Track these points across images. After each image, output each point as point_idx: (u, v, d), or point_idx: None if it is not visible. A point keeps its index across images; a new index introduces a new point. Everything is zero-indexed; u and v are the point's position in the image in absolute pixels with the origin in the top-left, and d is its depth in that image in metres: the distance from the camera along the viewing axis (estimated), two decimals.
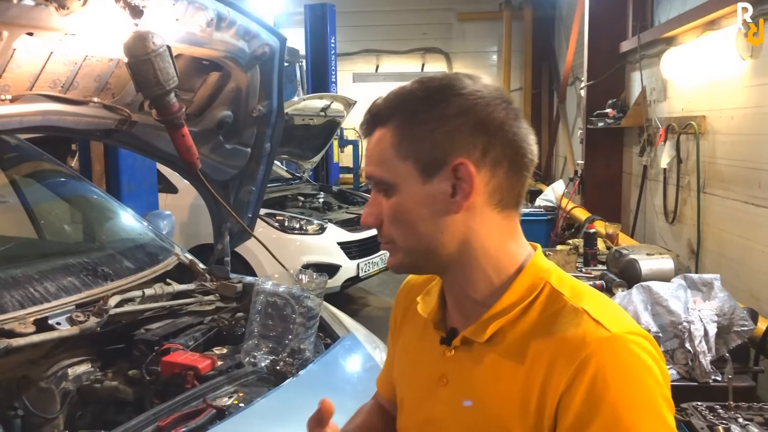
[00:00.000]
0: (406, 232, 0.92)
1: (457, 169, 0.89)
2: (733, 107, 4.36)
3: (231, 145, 2.78)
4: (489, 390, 0.90)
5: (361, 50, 11.55)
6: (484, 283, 0.93)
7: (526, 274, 0.93)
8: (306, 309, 2.16)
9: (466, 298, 0.95)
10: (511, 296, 0.92)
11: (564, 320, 0.87)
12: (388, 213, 0.93)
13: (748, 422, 2.37)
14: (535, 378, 0.86)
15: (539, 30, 11.15)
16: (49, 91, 2.13)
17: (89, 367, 2.09)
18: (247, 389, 1.93)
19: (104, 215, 2.96)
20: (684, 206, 5.21)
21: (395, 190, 0.92)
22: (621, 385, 0.81)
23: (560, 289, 0.92)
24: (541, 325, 0.89)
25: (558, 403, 0.83)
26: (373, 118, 0.95)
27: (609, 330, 0.84)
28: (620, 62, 6.63)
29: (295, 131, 6.68)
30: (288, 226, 5.87)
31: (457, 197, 0.90)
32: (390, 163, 0.92)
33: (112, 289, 2.23)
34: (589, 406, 0.81)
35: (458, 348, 0.95)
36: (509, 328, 0.91)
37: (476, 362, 0.93)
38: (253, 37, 2.47)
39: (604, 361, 0.82)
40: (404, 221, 0.92)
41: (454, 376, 0.95)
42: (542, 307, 0.90)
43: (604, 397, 0.81)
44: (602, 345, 0.83)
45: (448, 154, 0.89)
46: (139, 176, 4.82)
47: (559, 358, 0.84)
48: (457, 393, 0.94)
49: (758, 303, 3.76)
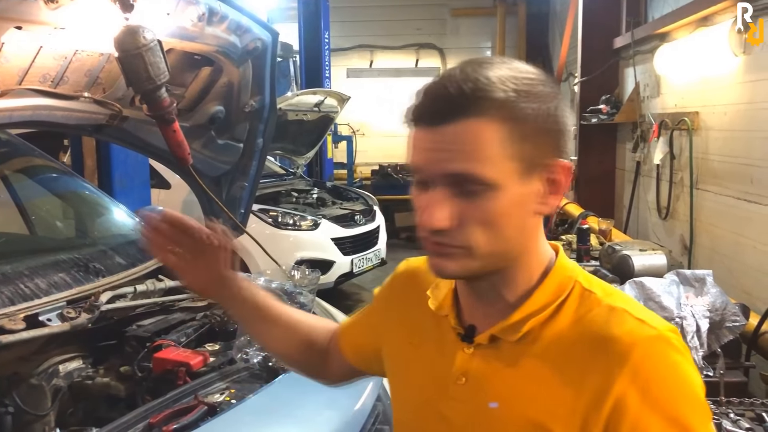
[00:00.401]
0: (493, 238, 0.83)
1: (553, 169, 0.84)
2: (726, 103, 4.37)
3: (223, 140, 2.77)
4: (523, 391, 0.86)
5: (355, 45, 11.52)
6: (523, 285, 0.89)
7: (555, 274, 0.90)
8: (299, 305, 2.16)
9: (498, 298, 0.90)
10: (543, 295, 0.88)
11: (604, 319, 0.84)
12: (476, 216, 0.82)
13: (739, 417, 2.38)
14: (580, 379, 0.82)
15: (533, 26, 11.15)
16: (39, 85, 2.11)
17: (80, 363, 2.08)
18: (239, 386, 1.93)
19: (96, 211, 2.95)
20: (677, 202, 5.23)
21: (493, 190, 0.81)
22: (674, 384, 0.80)
23: (591, 289, 0.89)
24: (579, 324, 0.85)
25: (612, 404, 0.80)
26: (474, 104, 0.80)
27: (655, 327, 0.82)
28: (614, 58, 6.65)
29: (288, 127, 6.67)
30: (281, 221, 5.87)
31: (549, 199, 0.86)
32: (493, 160, 0.80)
33: (103, 286, 2.21)
34: (646, 406, 0.79)
35: (481, 346, 0.91)
36: (542, 328, 0.87)
37: (505, 362, 0.88)
38: (245, 31, 2.46)
39: (656, 358, 0.80)
40: (496, 225, 0.82)
41: (476, 375, 0.90)
42: (575, 307, 0.87)
43: (661, 397, 0.79)
44: (652, 343, 0.81)
45: (548, 152, 0.84)
46: (131, 172, 4.80)
47: (608, 358, 0.81)
48: (478, 392, 0.89)
49: (750, 299, 3.77)
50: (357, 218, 6.40)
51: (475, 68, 0.82)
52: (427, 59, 11.58)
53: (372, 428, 1.91)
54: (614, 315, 0.84)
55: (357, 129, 11.33)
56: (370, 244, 6.41)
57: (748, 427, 2.31)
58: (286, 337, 1.23)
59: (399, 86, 11.32)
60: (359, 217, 6.44)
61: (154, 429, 1.65)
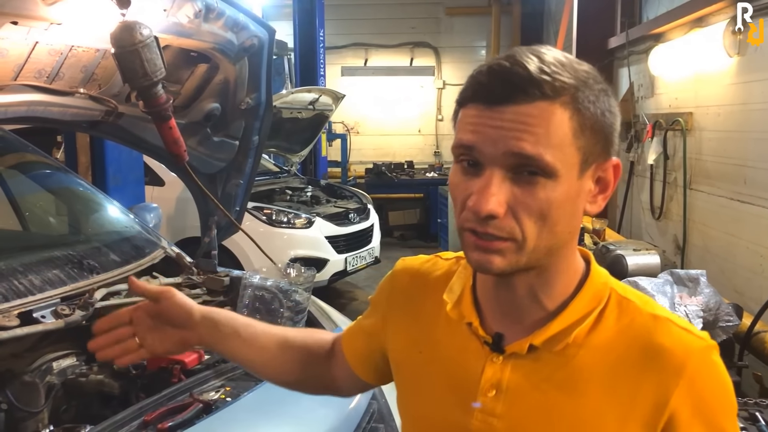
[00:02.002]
0: (545, 230, 0.78)
1: (605, 166, 0.82)
2: (720, 104, 4.39)
3: (219, 137, 2.77)
4: (569, 405, 0.82)
5: (349, 44, 11.50)
6: (562, 290, 0.85)
7: (592, 281, 0.86)
8: (294, 303, 2.15)
9: (535, 304, 0.85)
10: (582, 303, 0.84)
11: (651, 329, 0.82)
12: (531, 205, 0.77)
13: None
14: (633, 391, 0.80)
15: (528, 25, 11.15)
16: (35, 81, 2.11)
17: (74, 360, 2.07)
18: (234, 383, 1.92)
19: (90, 208, 2.93)
20: (670, 202, 5.25)
21: (553, 179, 0.76)
22: (722, 396, 0.81)
23: (628, 297, 0.85)
24: (625, 335, 0.82)
25: (668, 417, 0.79)
26: (544, 89, 0.76)
27: (703, 338, 0.82)
28: (608, 58, 6.66)
29: (283, 124, 6.66)
30: (275, 219, 5.86)
31: (599, 196, 0.83)
32: (561, 147, 0.76)
33: (97, 282, 2.20)
34: (697, 418, 0.79)
35: (514, 356, 0.85)
36: (585, 338, 0.83)
37: (545, 374, 0.84)
38: (241, 28, 2.46)
39: (709, 371, 0.81)
40: (549, 218, 0.78)
41: (511, 388, 0.85)
42: (616, 316, 0.84)
43: (710, 410, 0.80)
44: (702, 355, 0.81)
45: (601, 148, 0.80)
46: (125, 168, 4.78)
47: (663, 370, 0.79)
48: (514, 406, 0.84)
49: (742, 298, 3.79)
50: (351, 216, 6.40)
51: (539, 52, 0.78)
52: (422, 58, 11.57)
53: (367, 426, 1.91)
54: (660, 325, 0.82)
55: (351, 127, 11.32)
56: (364, 243, 6.40)
57: (742, 426, 2.32)
58: (284, 359, 1.12)
59: (393, 85, 11.32)
60: (353, 215, 6.43)
61: (149, 427, 1.64)
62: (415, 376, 0.95)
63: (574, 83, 0.77)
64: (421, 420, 0.94)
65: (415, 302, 0.99)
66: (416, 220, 9.81)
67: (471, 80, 0.80)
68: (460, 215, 0.80)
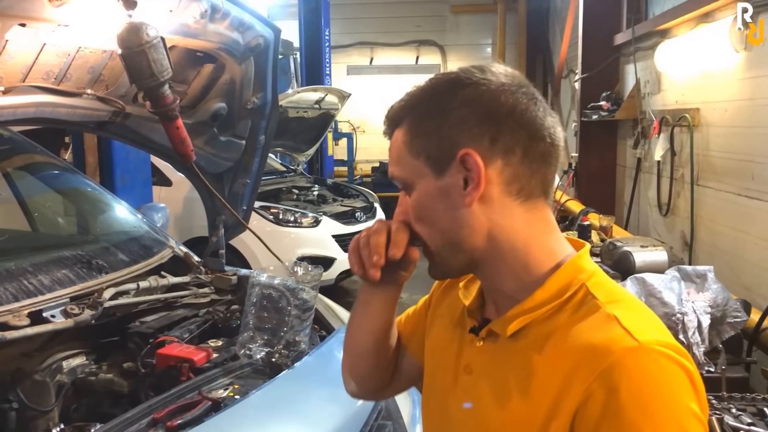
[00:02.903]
0: (430, 231, 0.93)
1: (464, 160, 0.87)
2: (727, 99, 4.37)
3: (225, 137, 2.78)
4: (508, 387, 0.87)
5: (355, 42, 11.51)
6: (512, 278, 0.91)
7: (562, 273, 0.89)
8: (301, 301, 2.16)
9: (497, 291, 0.94)
10: (543, 294, 0.88)
11: (592, 325, 0.83)
12: (411, 212, 0.94)
13: (741, 412, 2.39)
14: (553, 383, 0.82)
15: (533, 22, 11.14)
16: (42, 82, 2.12)
17: (84, 359, 2.08)
18: (243, 381, 1.93)
19: (98, 208, 2.95)
20: (677, 198, 5.23)
21: (412, 187, 0.93)
22: (644, 400, 0.76)
23: (595, 293, 0.87)
24: (567, 327, 0.85)
25: (574, 414, 0.79)
26: (390, 121, 0.96)
27: (637, 339, 0.79)
28: (614, 55, 6.64)
29: (289, 124, 6.67)
30: (282, 218, 5.87)
31: (468, 189, 0.87)
32: (404, 161, 0.93)
33: (106, 282, 2.22)
34: (608, 421, 0.77)
35: (485, 339, 0.94)
36: (536, 326, 0.87)
37: (499, 356, 0.91)
38: (247, 28, 2.46)
39: (628, 371, 0.77)
40: (425, 219, 0.92)
41: (478, 367, 0.94)
42: (573, 310, 0.86)
43: (623, 413, 0.76)
44: (627, 355, 0.78)
45: (454, 146, 0.87)
46: (133, 169, 4.80)
47: (581, 366, 0.80)
48: (478, 384, 0.92)
49: (750, 294, 3.78)
50: (358, 215, 6.40)
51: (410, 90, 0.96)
52: (428, 56, 11.58)
53: (375, 424, 1.91)
54: (603, 322, 0.83)
55: (357, 126, 11.33)
56: None
57: (750, 422, 2.31)
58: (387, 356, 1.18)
59: (399, 83, 11.29)
60: (360, 214, 6.44)
61: (158, 424, 1.65)
62: (437, 347, 1.06)
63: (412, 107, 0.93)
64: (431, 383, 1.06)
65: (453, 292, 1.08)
66: None
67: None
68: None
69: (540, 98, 0.92)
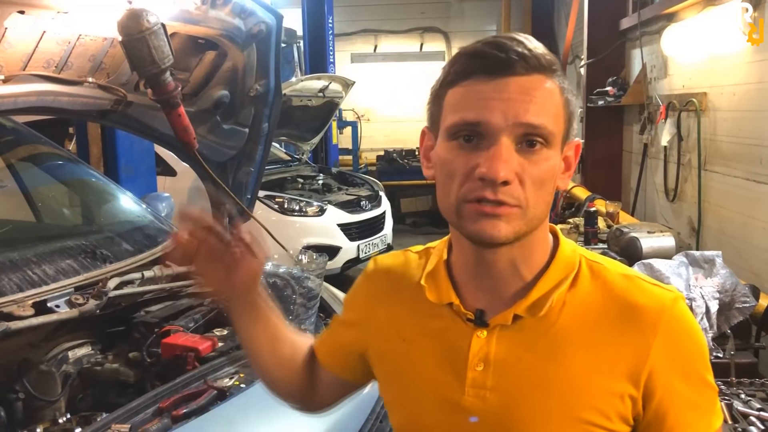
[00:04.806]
0: (541, 197, 0.84)
1: (570, 146, 0.89)
2: (735, 83, 4.32)
3: (228, 125, 2.76)
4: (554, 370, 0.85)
5: (359, 30, 11.45)
6: (539, 261, 0.91)
7: (563, 250, 0.92)
8: (306, 290, 2.15)
9: (514, 274, 0.89)
10: (557, 271, 0.90)
11: (625, 287, 0.88)
12: (532, 173, 0.82)
13: (750, 398, 2.37)
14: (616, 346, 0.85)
15: (538, 8, 11.04)
16: (43, 71, 2.10)
17: (89, 349, 2.08)
18: (248, 370, 1.92)
19: (102, 198, 2.94)
20: (685, 184, 5.20)
21: (551, 150, 0.84)
22: (695, 343, 0.87)
23: (597, 260, 0.93)
24: (601, 293, 0.88)
25: (649, 367, 0.84)
26: (540, 64, 0.83)
27: (669, 290, 0.89)
28: (620, 39, 6.58)
29: (293, 113, 6.65)
30: (287, 208, 5.86)
31: (566, 173, 0.90)
32: (558, 119, 0.84)
33: (111, 272, 2.21)
34: (678, 367, 0.85)
35: (498, 328, 0.89)
36: (563, 300, 0.88)
37: (527, 339, 0.87)
38: (249, 15, 2.44)
39: (679, 321, 0.86)
40: (545, 186, 0.84)
41: (498, 360, 0.88)
42: (589, 278, 0.90)
43: (685, 359, 0.86)
44: (673, 306, 0.86)
45: (571, 129, 0.88)
46: (137, 159, 4.79)
47: (639, 325, 0.85)
48: (504, 376, 0.87)
49: (759, 280, 3.75)
50: (363, 204, 6.39)
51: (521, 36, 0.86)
52: (432, 43, 11.50)
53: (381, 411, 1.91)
54: (631, 283, 0.89)
55: (362, 114, 11.29)
56: (377, 230, 6.40)
57: (759, 407, 2.30)
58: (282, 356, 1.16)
59: (403, 71, 11.26)
60: (365, 202, 6.43)
61: (163, 413, 1.65)
62: (398, 363, 0.97)
63: (557, 64, 0.86)
64: (416, 405, 0.94)
65: (394, 296, 1.01)
66: (428, 207, 9.77)
67: (462, 59, 0.85)
68: (462, 188, 0.83)
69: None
